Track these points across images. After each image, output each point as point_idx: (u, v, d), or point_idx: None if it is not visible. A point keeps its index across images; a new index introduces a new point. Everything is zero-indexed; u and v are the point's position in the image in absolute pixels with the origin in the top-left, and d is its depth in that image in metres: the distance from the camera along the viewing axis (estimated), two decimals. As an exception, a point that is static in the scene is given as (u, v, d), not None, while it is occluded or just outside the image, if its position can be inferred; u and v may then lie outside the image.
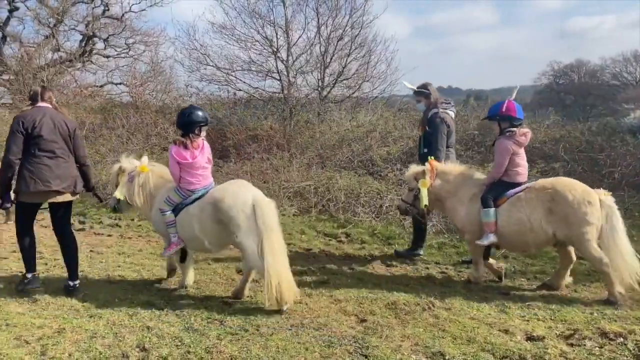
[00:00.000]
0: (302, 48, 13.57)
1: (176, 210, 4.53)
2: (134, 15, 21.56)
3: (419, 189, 5.19)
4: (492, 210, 4.76)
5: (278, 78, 13.54)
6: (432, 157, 5.35)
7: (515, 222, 4.70)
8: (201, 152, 4.51)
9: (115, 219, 8.04)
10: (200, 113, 4.55)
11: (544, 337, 3.68)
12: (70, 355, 3.43)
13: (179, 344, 3.60)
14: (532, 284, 5.04)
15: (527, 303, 4.45)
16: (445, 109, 5.90)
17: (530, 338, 3.70)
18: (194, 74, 14.35)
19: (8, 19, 20.52)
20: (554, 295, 4.67)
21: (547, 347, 3.54)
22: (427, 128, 5.82)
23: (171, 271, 5.08)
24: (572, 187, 4.61)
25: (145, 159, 5.06)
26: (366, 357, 3.42)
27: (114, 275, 5.21)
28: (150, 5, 21.52)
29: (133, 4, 21.57)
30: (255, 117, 12.48)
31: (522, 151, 4.97)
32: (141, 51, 21.60)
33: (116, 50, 21.88)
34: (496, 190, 4.86)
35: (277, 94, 13.67)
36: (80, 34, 21.35)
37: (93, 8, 21.15)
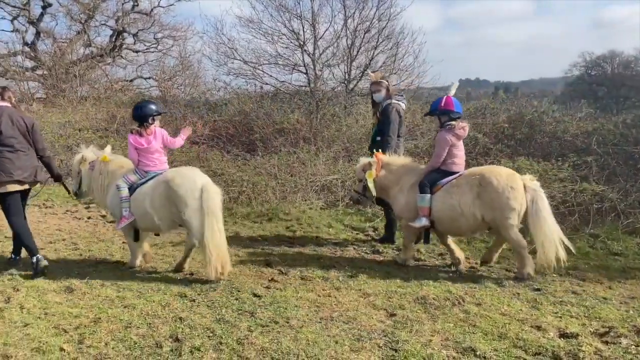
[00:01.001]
0: (329, 41, 13.57)
1: (132, 189, 5.07)
2: (163, 10, 21.88)
3: (366, 180, 5.58)
4: (427, 196, 5.13)
5: (304, 71, 13.57)
6: (380, 150, 5.76)
7: (448, 207, 5.07)
8: (155, 138, 5.13)
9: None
10: (152, 106, 5.23)
11: (577, 335, 3.62)
12: (106, 344, 3.53)
13: (211, 335, 3.66)
14: (564, 280, 4.96)
15: (559, 299, 4.38)
16: (399, 100, 6.27)
17: (563, 335, 3.65)
18: (222, 68, 14.50)
19: (42, 15, 21.03)
20: (588, 292, 4.59)
21: (582, 344, 3.48)
22: (380, 117, 6.17)
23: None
24: (498, 173, 4.99)
25: (108, 148, 5.61)
26: (396, 352, 3.42)
27: (147, 266, 5.31)
28: (179, 0, 21.78)
29: (162, -1, 21.86)
30: (282, 110, 12.51)
31: (460, 143, 5.34)
32: (170, 46, 21.94)
33: (145, 45, 22.25)
34: (433, 179, 5.21)
35: (303, 88, 13.70)
36: (111, 29, 21.79)
37: (123, 3, 21.54)
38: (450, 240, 5.44)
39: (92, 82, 19.23)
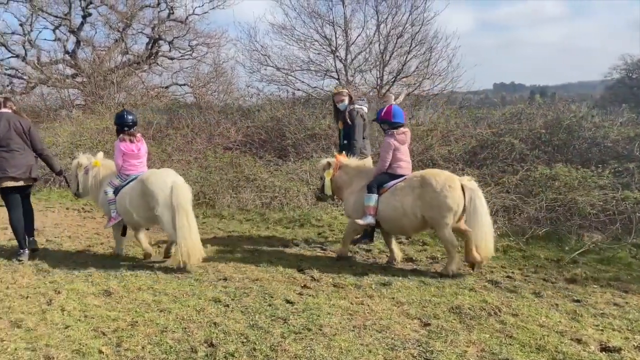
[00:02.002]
0: (361, 46, 13.60)
1: (116, 191, 5.77)
2: (197, 17, 22.31)
3: (324, 179, 6.09)
4: (374, 196, 5.53)
5: (336, 77, 13.61)
6: (348, 152, 6.27)
7: (392, 208, 5.43)
8: (142, 145, 5.90)
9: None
10: (130, 117, 5.90)
11: (620, 349, 3.50)
12: (143, 347, 3.59)
13: (245, 340, 3.69)
14: (605, 291, 4.80)
15: (600, 311, 4.24)
16: (361, 105, 6.69)
17: (605, 349, 3.53)
18: (255, 75, 14.69)
19: (82, 24, 21.73)
20: (631, 304, 4.43)
21: (625, 359, 3.36)
22: (348, 122, 6.51)
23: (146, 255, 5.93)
24: (437, 174, 5.34)
25: (100, 154, 6.35)
26: (431, 362, 3.37)
27: (181, 270, 5.39)
28: (213, 8, 22.21)
29: (196, 7, 22.30)
30: (313, 116, 12.55)
31: (403, 148, 5.70)
32: (204, 53, 22.32)
33: (180, 52, 22.70)
34: (380, 181, 5.61)
35: (335, 93, 13.69)
36: (147, 37, 22.34)
37: (159, 12, 22.06)
38: (393, 241, 5.83)
39: (129, 88, 19.73)
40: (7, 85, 20.99)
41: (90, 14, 21.60)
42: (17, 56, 21.19)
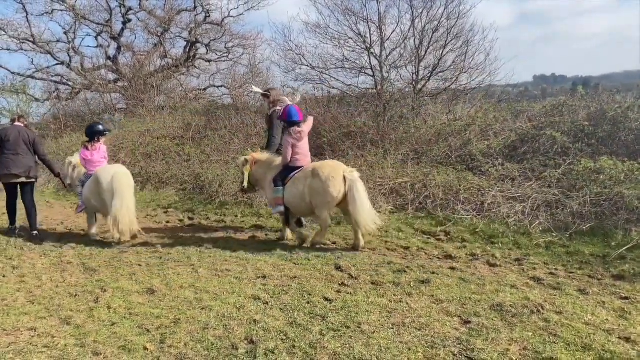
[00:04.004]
0: (396, 42, 13.40)
1: (84, 185, 7.23)
2: (233, 19, 22.59)
3: (244, 173, 7.03)
4: (279, 188, 6.47)
5: (371, 74, 13.49)
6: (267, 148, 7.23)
7: (293, 195, 6.38)
8: (97, 152, 7.29)
9: (220, 215, 8.50)
10: (100, 127, 7.48)
11: (672, 348, 3.36)
12: (185, 344, 3.68)
13: (284, 338, 3.73)
14: (656, 288, 4.62)
15: (650, 309, 4.08)
16: (281, 107, 6.96)
17: (655, 348, 3.40)
18: (290, 74, 14.70)
19: (122, 30, 22.38)
20: (683, 301, 4.25)
21: (677, 359, 3.23)
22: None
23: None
24: (324, 166, 6.24)
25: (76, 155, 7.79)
26: (471, 360, 3.33)
27: (222, 268, 5.49)
28: (248, 10, 22.42)
29: (232, 9, 22.65)
30: (349, 114, 12.51)
31: (301, 143, 6.50)
32: (240, 54, 22.59)
33: (217, 55, 23.05)
34: (284, 174, 6.50)
35: (370, 90, 13.62)
36: (185, 41, 22.77)
37: (195, 15, 22.46)
38: (293, 223, 6.79)
39: (168, 91, 20.18)
40: (54, 92, 21.87)
41: (130, 20, 22.22)
42: (62, 63, 22.03)
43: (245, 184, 7.03)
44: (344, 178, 6.05)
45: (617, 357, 3.28)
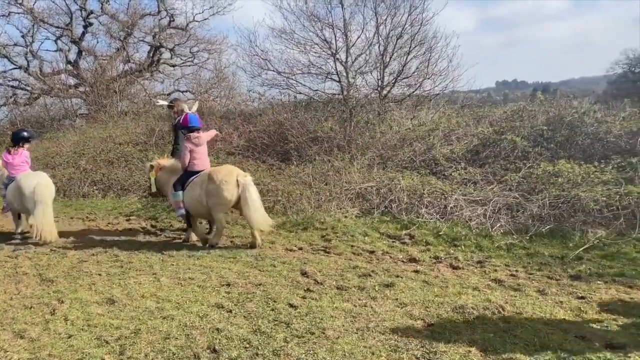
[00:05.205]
0: (361, 48, 13.52)
1: (7, 188, 7.69)
2: (198, 24, 22.38)
3: (150, 178, 7.40)
4: (179, 192, 6.83)
5: (337, 79, 13.55)
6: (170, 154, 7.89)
7: (191, 198, 6.74)
8: (18, 157, 7.69)
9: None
10: (24, 133, 8.01)
11: (625, 345, 3.47)
12: (146, 355, 3.59)
13: (248, 346, 3.69)
14: (610, 287, 4.77)
15: (605, 308, 4.21)
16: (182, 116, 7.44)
17: (610, 346, 3.50)
18: (256, 79, 14.63)
19: (83, 34, 21.85)
20: (636, 299, 4.40)
21: (630, 355, 3.34)
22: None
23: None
24: (218, 171, 6.64)
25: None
26: (434, 363, 3.35)
27: (185, 277, 5.39)
28: (213, 14, 22.26)
29: (197, 14, 22.40)
30: (315, 119, 12.53)
31: (199, 149, 6.89)
32: (205, 59, 22.39)
33: (182, 59, 22.78)
34: (183, 178, 6.89)
35: (336, 96, 13.69)
36: (148, 45, 22.42)
37: (159, 19, 22.15)
38: (196, 224, 7.19)
39: (132, 97, 19.82)
40: (11, 97, 21.15)
41: (91, 24, 21.74)
42: (20, 67, 21.37)
43: (153, 189, 7.43)
44: (237, 182, 6.47)
45: (573, 356, 3.37)
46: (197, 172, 6.85)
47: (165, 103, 8.60)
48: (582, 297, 4.48)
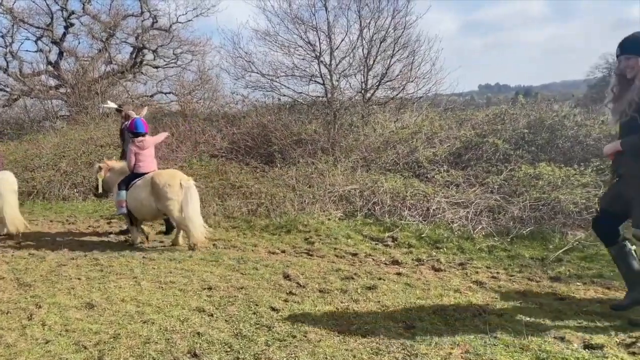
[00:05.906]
0: (345, 51, 13.60)
1: None
2: (181, 25, 22.23)
3: (98, 179, 7.55)
4: (123, 192, 7.02)
5: (321, 82, 13.60)
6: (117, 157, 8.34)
7: (134, 200, 6.93)
8: None
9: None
10: None
11: (603, 346, 3.51)
12: (125, 360, 3.55)
13: (229, 350, 3.66)
14: (589, 288, 4.83)
15: (583, 309, 4.26)
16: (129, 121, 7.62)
17: (588, 346, 3.54)
18: (240, 81, 14.62)
19: (64, 35, 21.56)
20: (614, 300, 4.46)
21: (607, 356, 3.38)
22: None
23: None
24: (160, 175, 6.84)
25: None
26: (415, 365, 3.36)
27: (166, 280, 5.34)
28: (196, 16, 22.14)
29: (180, 15, 22.25)
30: (299, 121, 12.54)
31: (144, 152, 7.13)
32: (188, 61, 22.26)
33: (165, 61, 22.61)
34: (128, 180, 7.09)
35: (320, 98, 13.72)
36: (131, 46, 22.22)
37: (142, 21, 21.96)
38: (141, 225, 7.42)
39: (114, 98, 19.54)
40: (-11, 98, 20.79)
41: (72, 24, 21.47)
42: (-1, 68, 21.01)
43: (100, 189, 7.59)
44: (181, 185, 6.69)
45: (553, 356, 3.40)
46: (143, 174, 7.06)
47: (114, 106, 8.86)
48: (562, 299, 4.53)
